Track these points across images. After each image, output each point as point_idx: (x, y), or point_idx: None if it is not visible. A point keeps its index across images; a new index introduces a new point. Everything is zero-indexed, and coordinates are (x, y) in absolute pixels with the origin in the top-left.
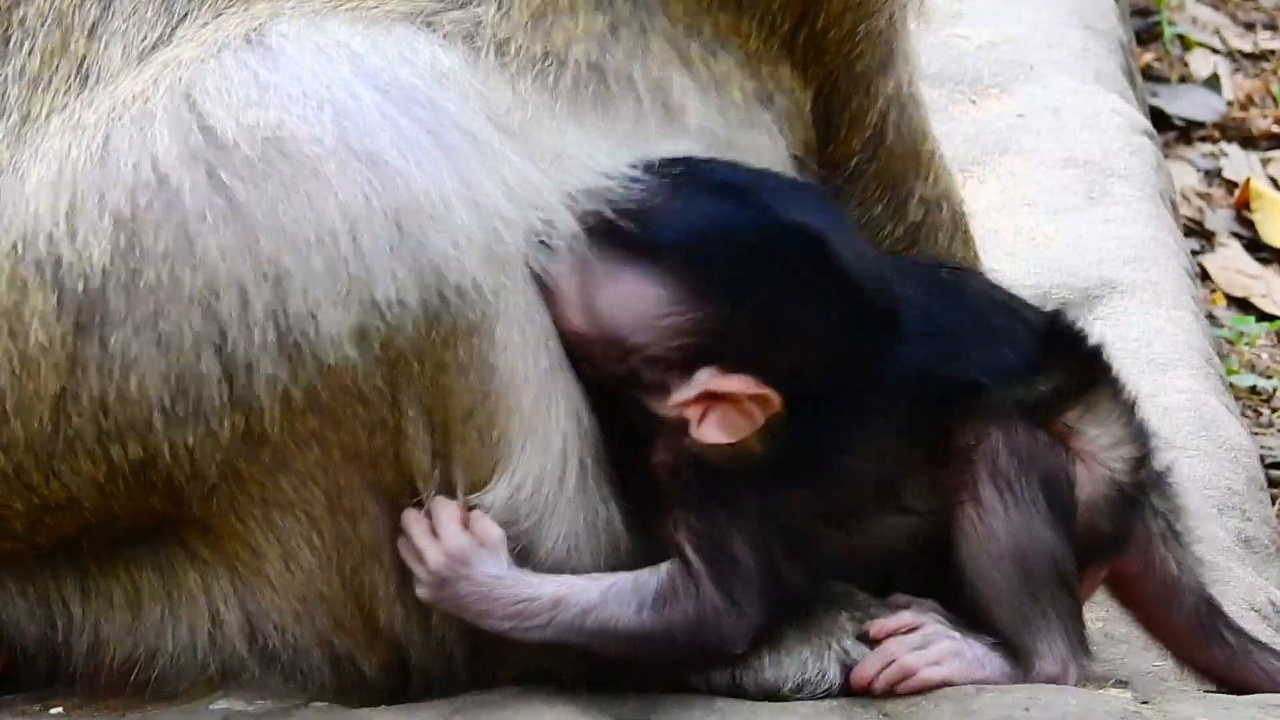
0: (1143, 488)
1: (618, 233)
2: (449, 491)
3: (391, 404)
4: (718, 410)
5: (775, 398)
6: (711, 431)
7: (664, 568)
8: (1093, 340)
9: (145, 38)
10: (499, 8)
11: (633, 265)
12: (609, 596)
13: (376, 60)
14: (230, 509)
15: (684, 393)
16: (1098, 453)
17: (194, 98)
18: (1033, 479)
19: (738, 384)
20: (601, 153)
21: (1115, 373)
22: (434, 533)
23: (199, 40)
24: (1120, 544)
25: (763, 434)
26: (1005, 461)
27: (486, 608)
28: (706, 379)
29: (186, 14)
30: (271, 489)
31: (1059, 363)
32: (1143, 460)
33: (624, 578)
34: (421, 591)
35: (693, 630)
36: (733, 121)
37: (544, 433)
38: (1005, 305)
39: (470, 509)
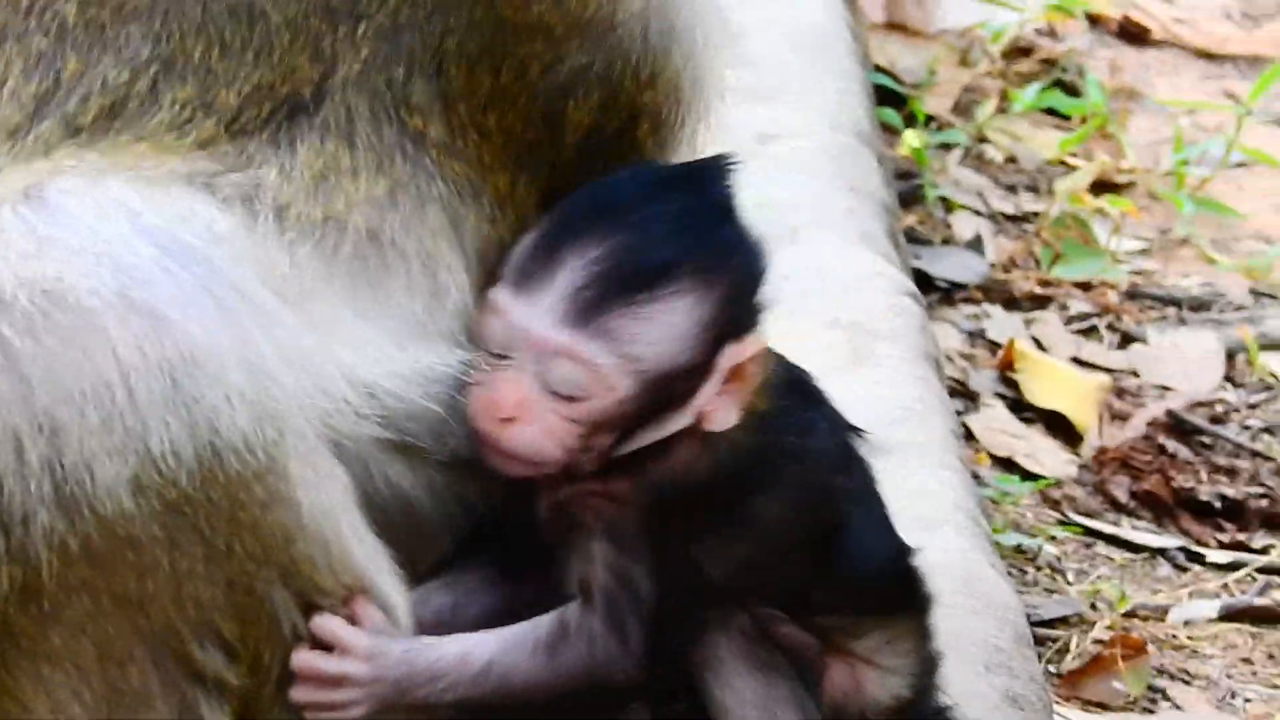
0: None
1: (608, 282)
2: (301, 613)
3: (168, 546)
4: (729, 390)
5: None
6: (726, 415)
7: (558, 611)
8: (925, 589)
9: None
10: (280, 171)
11: (644, 298)
12: (507, 646)
13: (154, 218)
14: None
15: (713, 383)
16: (881, 668)
17: None
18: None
19: (752, 345)
20: (374, 330)
21: (926, 615)
22: (332, 649)
23: None
24: None
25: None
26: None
27: (409, 683)
28: (731, 354)
29: None
30: (42, 641)
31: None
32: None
33: (522, 627)
34: (357, 710)
35: (585, 670)
36: None
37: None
38: (883, 505)
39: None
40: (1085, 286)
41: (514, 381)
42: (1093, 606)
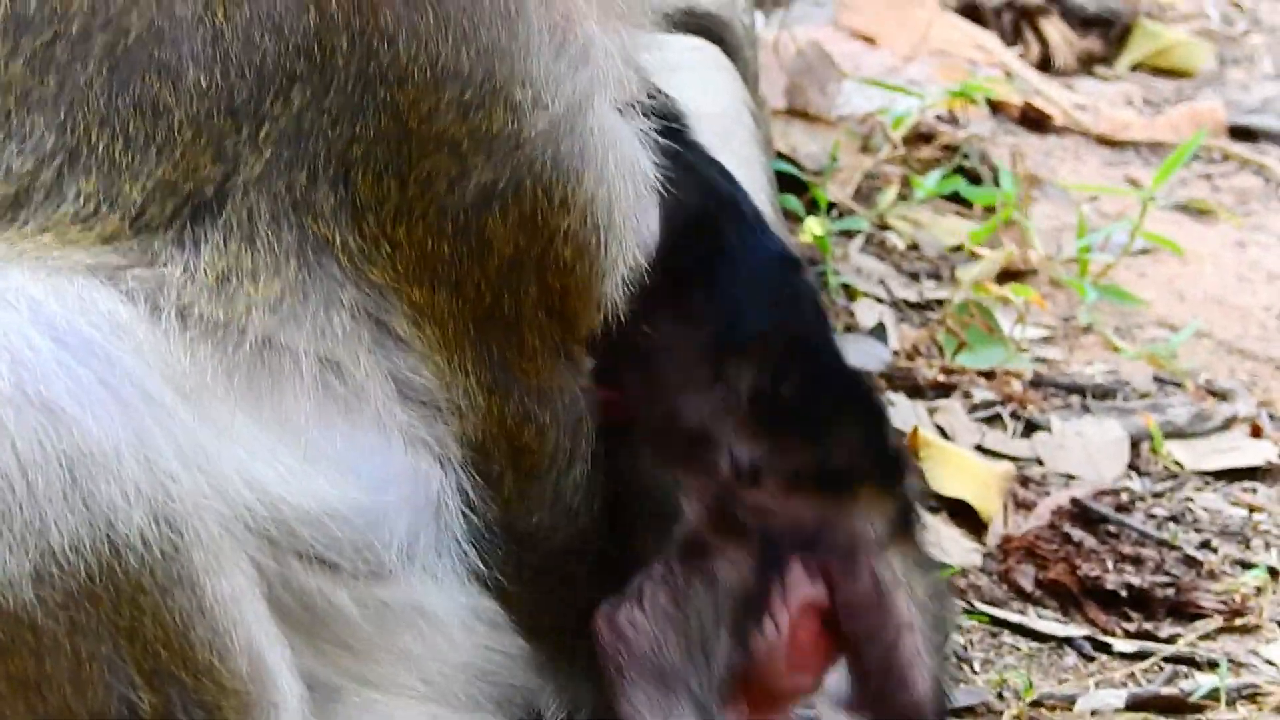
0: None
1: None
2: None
3: (70, 630)
4: None
5: None
6: None
7: None
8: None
9: None
10: (184, 270)
11: None
12: None
13: (55, 309)
14: None
15: None
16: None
17: None
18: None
19: None
20: (270, 434)
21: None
22: None
23: None
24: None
25: None
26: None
27: None
28: None
29: None
30: None
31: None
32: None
33: None
34: None
35: None
36: (409, 419)
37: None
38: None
39: None
40: (989, 375)
41: None
42: (999, 696)
